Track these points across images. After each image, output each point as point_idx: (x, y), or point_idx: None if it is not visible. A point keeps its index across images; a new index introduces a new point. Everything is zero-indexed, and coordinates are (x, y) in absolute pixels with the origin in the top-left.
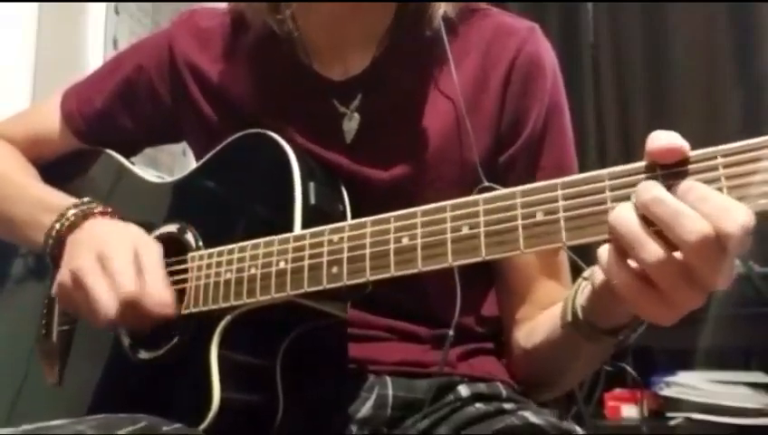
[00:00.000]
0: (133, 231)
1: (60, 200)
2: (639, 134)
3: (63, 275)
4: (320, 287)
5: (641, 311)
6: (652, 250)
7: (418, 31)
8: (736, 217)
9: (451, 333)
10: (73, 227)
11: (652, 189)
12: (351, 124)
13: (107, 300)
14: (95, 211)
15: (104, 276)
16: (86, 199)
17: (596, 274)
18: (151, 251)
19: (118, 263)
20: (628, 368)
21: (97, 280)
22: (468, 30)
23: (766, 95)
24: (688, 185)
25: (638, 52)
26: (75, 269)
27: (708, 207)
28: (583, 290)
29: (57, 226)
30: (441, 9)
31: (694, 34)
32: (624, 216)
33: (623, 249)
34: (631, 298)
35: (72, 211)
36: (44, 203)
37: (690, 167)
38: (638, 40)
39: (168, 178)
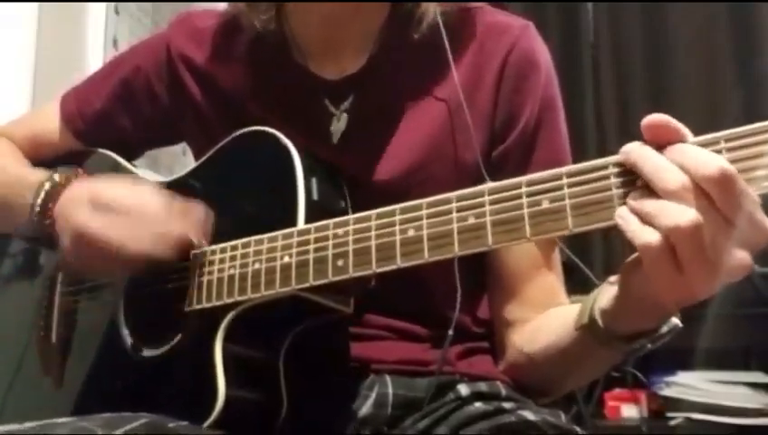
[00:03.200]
0: (113, 179)
1: (38, 176)
2: (639, 134)
3: (67, 240)
4: (325, 281)
5: (657, 277)
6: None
7: (414, 30)
8: (712, 161)
9: (450, 332)
10: (55, 196)
11: (635, 148)
12: (339, 125)
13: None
14: (72, 177)
15: (112, 216)
16: (60, 168)
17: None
18: (144, 181)
19: (119, 198)
20: (630, 368)
21: (105, 224)
22: (463, 28)
23: (766, 95)
24: (673, 145)
25: (638, 52)
26: (78, 226)
27: (686, 158)
28: (605, 294)
29: (39, 200)
30: (432, 8)
31: (694, 34)
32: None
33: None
34: (651, 261)
35: (47, 184)
36: (25, 181)
37: None
38: (638, 40)
39: (168, 177)
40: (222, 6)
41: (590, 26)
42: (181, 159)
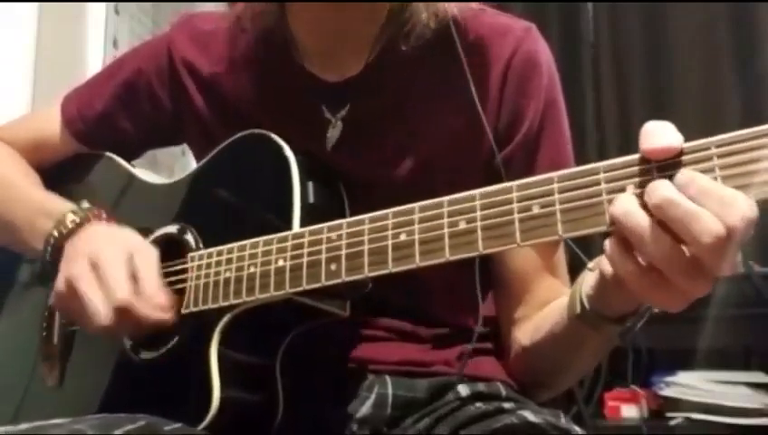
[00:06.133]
0: (128, 235)
1: (58, 205)
2: (639, 134)
3: (59, 283)
4: (318, 284)
5: (650, 300)
6: (660, 244)
7: (416, 33)
8: (740, 210)
9: (470, 346)
10: (71, 233)
11: (661, 190)
12: (334, 132)
13: (100, 307)
14: (91, 217)
15: (97, 283)
16: (84, 205)
17: (603, 261)
18: (146, 255)
19: (111, 269)
20: (630, 384)
21: (90, 287)
22: (465, 30)
23: (766, 95)
24: (688, 177)
25: (638, 52)
26: (69, 277)
27: (712, 203)
28: (588, 279)
29: (55, 232)
30: (422, 11)
31: (694, 34)
32: (628, 209)
33: (628, 241)
34: (639, 288)
35: (69, 217)
36: (44, 208)
37: (684, 158)
38: (638, 40)
39: (168, 180)
40: (223, 6)
41: (590, 26)
42: (181, 160)
